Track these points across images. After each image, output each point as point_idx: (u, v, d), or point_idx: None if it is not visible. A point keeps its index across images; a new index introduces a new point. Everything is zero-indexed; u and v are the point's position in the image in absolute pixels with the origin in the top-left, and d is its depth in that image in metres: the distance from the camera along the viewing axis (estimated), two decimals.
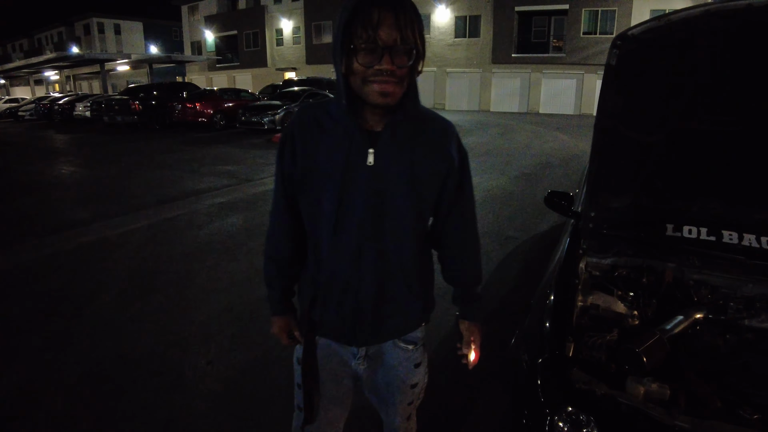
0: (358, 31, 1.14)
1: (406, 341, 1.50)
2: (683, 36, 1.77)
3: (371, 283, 1.34)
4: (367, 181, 1.26)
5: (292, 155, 1.30)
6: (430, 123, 1.35)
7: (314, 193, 1.30)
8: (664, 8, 23.91)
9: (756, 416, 1.44)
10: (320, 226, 1.32)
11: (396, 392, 1.57)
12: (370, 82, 1.17)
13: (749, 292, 2.04)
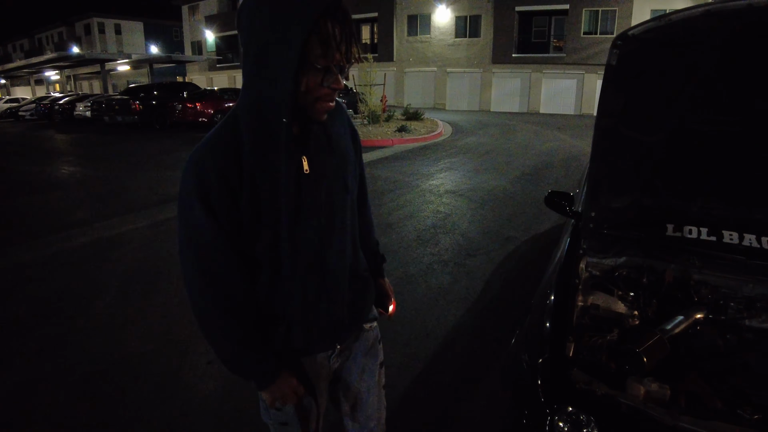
0: (320, 49, 1.07)
1: (368, 320, 1.54)
2: (684, 36, 1.77)
3: (339, 282, 1.35)
4: (309, 187, 1.23)
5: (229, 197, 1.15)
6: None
7: (268, 224, 1.20)
8: (665, 8, 23.89)
9: (756, 416, 1.44)
10: (280, 254, 1.23)
11: (372, 376, 1.57)
12: (322, 100, 1.14)
13: (750, 292, 2.04)
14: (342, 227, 1.33)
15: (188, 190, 1.15)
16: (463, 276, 4.26)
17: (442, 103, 30.25)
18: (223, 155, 1.14)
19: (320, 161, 1.25)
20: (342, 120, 1.36)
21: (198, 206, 1.14)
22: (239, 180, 1.14)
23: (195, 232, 1.18)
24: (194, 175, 1.14)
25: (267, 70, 1.10)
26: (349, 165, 1.35)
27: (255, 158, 1.15)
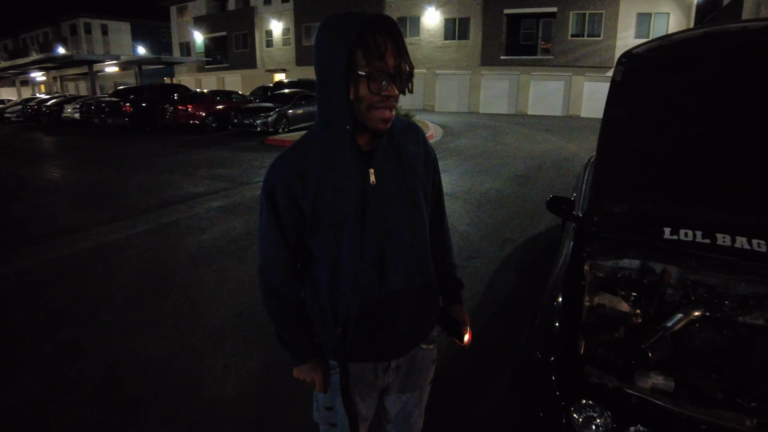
0: (364, 59, 1.18)
1: (427, 342, 1.59)
2: (684, 55, 1.92)
3: (401, 297, 1.40)
4: (375, 199, 1.33)
5: (291, 201, 1.31)
6: (400, 128, 1.42)
7: (330, 223, 1.32)
8: (650, 11, 24.32)
9: (753, 404, 1.60)
10: (340, 255, 1.35)
11: (422, 393, 1.68)
12: (377, 108, 1.23)
13: (742, 291, 2.20)
14: (407, 242, 1.40)
15: (263, 188, 1.37)
16: (465, 278, 4.31)
17: (432, 105, 30.44)
18: (290, 164, 1.32)
19: (387, 175, 1.34)
20: (416, 140, 1.45)
21: (265, 204, 1.35)
22: (302, 186, 1.30)
23: (260, 223, 1.39)
24: (267, 178, 1.35)
25: (326, 87, 1.25)
26: (418, 180, 1.43)
27: (323, 168, 1.30)
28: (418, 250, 1.44)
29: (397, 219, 1.38)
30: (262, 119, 15.70)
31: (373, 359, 1.48)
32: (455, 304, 1.71)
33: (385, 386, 1.57)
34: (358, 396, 1.52)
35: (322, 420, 1.60)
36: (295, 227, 1.36)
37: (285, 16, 34.70)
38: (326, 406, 1.55)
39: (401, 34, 1.22)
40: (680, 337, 1.92)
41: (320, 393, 1.54)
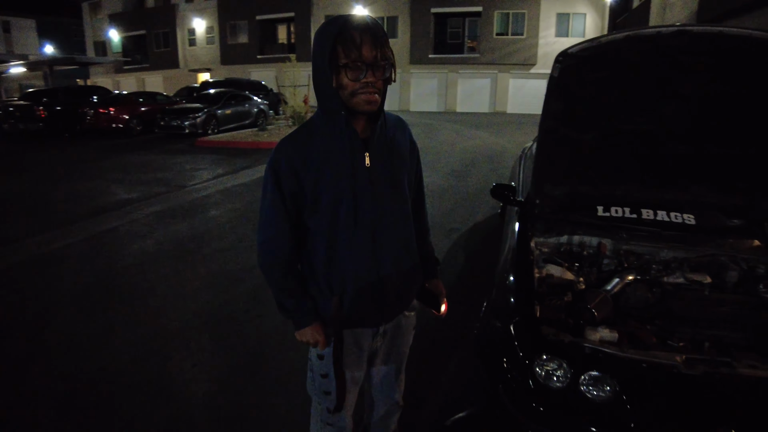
0: (344, 51, 1.36)
1: (409, 309, 1.80)
2: (610, 55, 2.22)
3: (391, 266, 1.60)
4: (369, 179, 1.51)
5: (294, 178, 1.47)
6: (392, 121, 1.63)
7: (329, 200, 1.49)
8: (568, 11, 25.79)
9: (681, 344, 1.93)
10: (337, 229, 1.52)
11: (403, 357, 1.90)
12: (359, 94, 1.40)
13: (666, 256, 2.57)
14: (396, 219, 1.60)
15: (269, 167, 1.51)
16: None
17: None
18: (294, 145, 1.50)
19: (380, 159, 1.53)
20: (403, 133, 1.66)
21: (270, 181, 1.50)
22: (304, 165, 1.47)
23: (265, 199, 1.54)
24: (273, 157, 1.50)
25: (318, 79, 1.45)
26: (405, 167, 1.64)
27: (323, 150, 1.48)
28: (404, 227, 1.64)
29: (387, 199, 1.56)
30: (191, 120, 15.22)
31: (365, 325, 1.66)
32: (433, 279, 1.91)
33: (374, 351, 1.76)
34: (350, 361, 1.67)
35: (317, 390, 1.75)
36: (296, 203, 1.51)
37: (208, 13, 33.68)
38: (322, 374, 1.69)
39: (380, 29, 1.40)
40: (618, 297, 2.23)
41: (318, 361, 1.69)
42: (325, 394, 1.72)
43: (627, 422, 1.70)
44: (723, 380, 1.74)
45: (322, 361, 1.68)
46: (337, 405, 1.70)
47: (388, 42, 1.42)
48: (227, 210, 6.96)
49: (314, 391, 1.77)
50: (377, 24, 1.41)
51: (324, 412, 1.77)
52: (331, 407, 1.73)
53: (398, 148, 1.61)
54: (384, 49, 1.39)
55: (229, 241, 5.57)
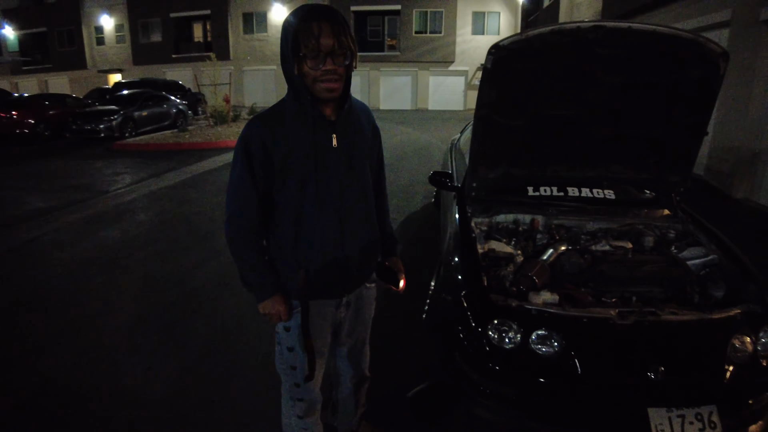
0: (304, 42, 1.44)
1: (369, 281, 1.93)
2: (537, 47, 2.43)
3: (354, 240, 1.70)
4: (335, 159, 1.61)
5: (263, 154, 1.54)
6: (357, 106, 1.74)
7: (295, 177, 1.57)
8: (484, 10, 26.74)
9: (614, 300, 2.19)
10: (304, 205, 1.60)
11: (367, 328, 2.03)
12: (320, 81, 1.49)
13: (591, 228, 2.86)
14: (359, 196, 1.70)
15: (239, 142, 1.58)
16: None
17: None
18: (265, 123, 1.57)
19: (347, 141, 1.63)
20: (367, 118, 1.77)
21: (240, 155, 1.57)
22: (273, 142, 1.54)
23: (234, 174, 1.60)
24: (244, 135, 1.57)
25: (285, 67, 1.54)
26: (368, 149, 1.74)
27: (293, 129, 1.56)
28: (366, 204, 1.75)
29: (352, 178, 1.67)
30: (106, 124, 14.39)
31: (330, 296, 1.76)
32: (392, 256, 2.03)
33: (339, 323, 1.87)
34: (317, 332, 1.76)
35: (284, 364, 1.82)
36: (265, 179, 1.58)
37: (117, 10, 31.73)
38: (288, 347, 1.77)
39: (339, 18, 1.48)
40: (554, 266, 2.47)
41: (285, 333, 1.76)
42: (291, 369, 1.81)
43: (574, 371, 1.92)
44: (651, 327, 2.01)
45: (289, 333, 1.75)
46: (308, 374, 1.77)
47: (347, 30, 1.49)
48: (156, 213, 6.73)
49: (282, 368, 1.84)
50: (336, 13, 1.48)
51: (293, 388, 1.84)
52: (299, 381, 1.81)
53: (363, 131, 1.72)
54: (342, 37, 1.47)
55: (163, 244, 5.42)
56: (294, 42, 1.45)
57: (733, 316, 2.08)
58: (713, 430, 1.88)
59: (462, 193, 3.20)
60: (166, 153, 12.13)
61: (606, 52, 2.47)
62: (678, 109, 2.69)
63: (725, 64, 2.47)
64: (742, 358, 1.98)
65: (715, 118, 7.46)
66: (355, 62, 1.54)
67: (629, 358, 1.96)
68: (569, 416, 2.00)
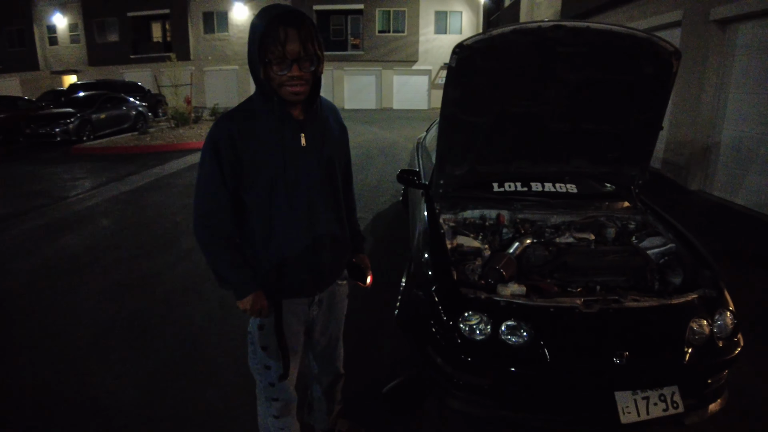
0: (270, 47, 1.43)
1: (341, 278, 1.95)
2: (500, 46, 2.49)
3: (326, 238, 1.71)
4: (304, 158, 1.61)
5: (232, 151, 1.53)
6: (326, 106, 1.76)
7: (264, 176, 1.56)
8: (446, 9, 26.98)
9: (579, 289, 2.26)
10: (274, 204, 1.59)
11: (341, 325, 2.04)
12: (285, 86, 1.49)
13: (555, 221, 2.95)
14: (329, 195, 1.71)
15: (208, 142, 1.56)
16: None
17: None
18: (234, 121, 1.56)
19: (315, 140, 1.64)
20: (336, 117, 1.79)
21: (209, 153, 1.55)
22: (242, 140, 1.53)
23: (202, 174, 1.58)
24: (212, 134, 1.55)
25: (252, 69, 1.52)
26: (336, 148, 1.75)
27: (261, 129, 1.55)
28: (336, 202, 1.77)
29: (321, 177, 1.67)
30: (63, 127, 13.86)
31: (302, 295, 1.76)
32: (360, 253, 2.05)
33: (312, 321, 1.88)
34: (290, 331, 1.76)
35: (258, 364, 1.81)
36: (234, 178, 1.57)
37: (71, 8, 30.57)
38: (262, 346, 1.76)
39: (307, 23, 1.46)
40: (521, 258, 2.54)
41: (258, 332, 1.75)
42: (266, 369, 1.80)
43: (543, 359, 1.99)
44: (615, 314, 2.10)
45: (263, 331, 1.74)
46: (283, 372, 1.76)
47: (315, 36, 1.48)
48: (119, 218, 6.56)
49: (256, 367, 1.83)
50: (305, 19, 1.46)
51: (268, 387, 1.83)
52: (273, 381, 1.80)
53: (331, 131, 1.74)
54: (309, 44, 1.46)
55: (129, 250, 5.29)
56: (260, 46, 1.44)
57: (691, 301, 2.19)
58: (676, 409, 1.98)
59: (429, 191, 3.25)
60: (127, 156, 11.82)
61: (566, 51, 2.55)
62: (635, 105, 2.81)
63: (678, 62, 2.59)
64: (699, 341, 2.08)
65: (669, 114, 7.76)
66: (321, 67, 1.54)
67: (595, 344, 2.04)
68: (540, 403, 2.07)
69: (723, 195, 7.17)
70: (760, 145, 6.47)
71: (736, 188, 6.93)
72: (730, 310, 2.22)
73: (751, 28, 6.67)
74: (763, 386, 2.82)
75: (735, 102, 7.03)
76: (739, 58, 6.95)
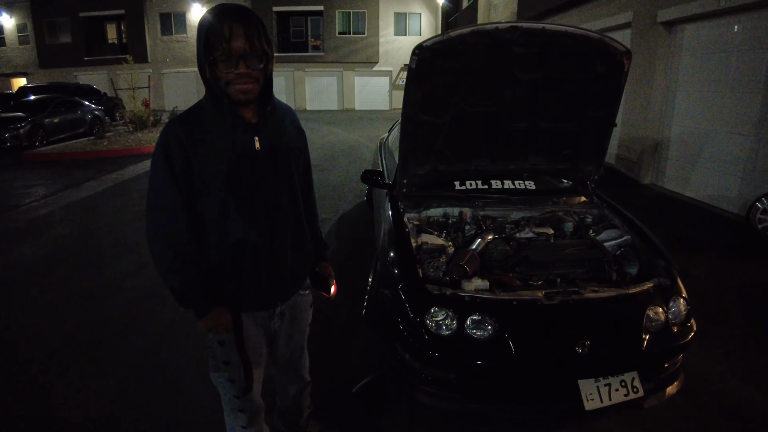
0: (214, 45, 1.38)
1: (303, 288, 1.88)
2: (459, 47, 2.54)
3: (286, 246, 1.66)
4: (259, 163, 1.53)
5: (184, 157, 1.44)
6: (281, 108, 1.67)
7: (217, 182, 1.48)
8: (405, 11, 27.16)
9: (540, 282, 2.34)
10: (229, 212, 1.51)
11: (305, 335, 1.99)
12: (232, 84, 1.43)
13: (515, 217, 3.04)
14: (288, 201, 1.65)
15: (158, 149, 1.47)
16: None
17: None
18: (184, 126, 1.47)
19: (270, 144, 1.56)
20: (291, 120, 1.72)
21: (161, 162, 1.46)
22: (193, 144, 1.45)
23: (155, 184, 1.48)
24: (161, 140, 1.46)
25: (199, 69, 1.47)
26: (293, 152, 1.69)
27: (212, 133, 1.48)
28: (296, 210, 1.70)
29: (278, 183, 1.60)
30: (12, 132, 13.25)
31: (262, 307, 1.70)
32: (322, 262, 1.96)
33: (274, 333, 1.81)
34: (251, 344, 1.69)
35: (221, 379, 1.72)
36: (187, 186, 1.48)
37: (19, 8, 29.27)
38: (224, 361, 1.68)
39: (254, 19, 1.42)
40: (483, 254, 2.60)
41: (219, 347, 1.66)
42: (230, 383, 1.71)
43: (508, 352, 2.05)
44: (575, 305, 2.19)
45: (224, 347, 1.66)
46: (246, 387, 1.71)
47: (262, 32, 1.43)
48: (77, 226, 6.35)
49: (219, 381, 1.74)
50: (250, 14, 1.42)
51: (233, 399, 1.75)
52: (238, 393, 1.73)
53: (287, 133, 1.67)
54: (255, 40, 1.41)
55: (87, 258, 5.13)
56: (206, 44, 1.39)
57: (647, 290, 2.30)
58: (636, 394, 2.08)
59: (393, 190, 3.28)
60: (84, 162, 11.42)
61: (522, 51, 2.63)
62: (589, 103, 2.92)
63: (629, 61, 2.71)
64: (656, 327, 2.19)
65: (622, 112, 8.05)
66: (271, 65, 1.49)
67: (558, 335, 2.11)
68: (507, 394, 2.13)
69: (673, 188, 7.50)
70: (706, 140, 6.79)
71: (685, 181, 7.26)
72: (683, 296, 2.34)
73: (695, 30, 7.00)
74: (715, 367, 2.98)
75: (682, 100, 7.35)
76: (685, 58, 7.28)
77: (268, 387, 1.97)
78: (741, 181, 6.16)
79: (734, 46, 6.26)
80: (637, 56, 6.64)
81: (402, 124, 2.96)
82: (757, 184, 5.85)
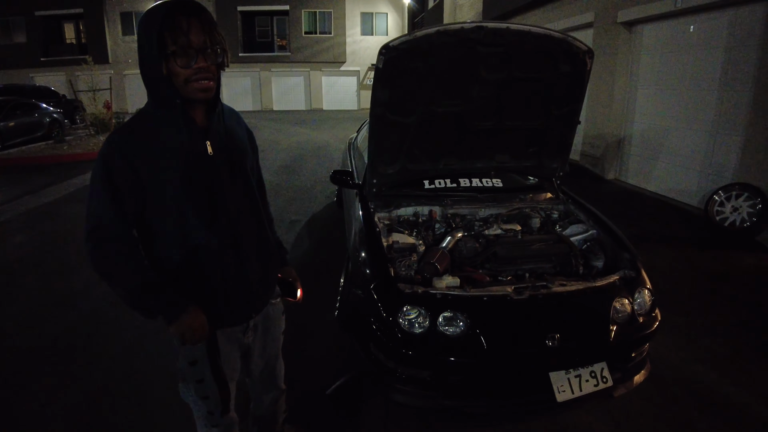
0: (170, 38, 1.29)
1: (274, 296, 1.82)
2: (425, 47, 2.56)
3: (252, 256, 1.57)
4: (214, 169, 1.45)
5: (129, 172, 1.34)
6: (227, 110, 1.58)
7: (170, 193, 1.39)
8: (372, 11, 27.19)
9: (509, 278, 2.38)
10: (188, 225, 1.42)
11: (279, 344, 1.93)
12: (192, 81, 1.34)
13: (484, 215, 3.08)
14: (248, 208, 1.59)
15: (99, 164, 1.35)
16: None
17: None
18: (127, 137, 1.36)
19: (222, 148, 1.49)
20: (240, 123, 1.66)
21: (101, 179, 1.34)
22: (141, 157, 1.35)
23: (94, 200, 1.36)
24: (104, 154, 1.35)
25: (145, 68, 1.37)
26: (246, 155, 1.62)
27: (161, 141, 1.38)
28: (257, 216, 1.64)
29: (236, 189, 1.53)
30: None
31: (237, 322, 1.63)
32: (285, 266, 1.89)
33: (247, 347, 1.74)
34: (226, 362, 1.62)
35: (193, 396, 1.64)
36: (134, 202, 1.37)
37: None
38: (197, 380, 1.60)
39: (207, 13, 1.36)
40: (454, 251, 2.63)
41: (191, 368, 1.57)
42: (203, 399, 1.63)
43: (480, 347, 2.07)
44: (544, 299, 2.23)
45: (195, 366, 1.58)
46: (223, 408, 1.65)
47: (216, 26, 1.38)
48: (38, 233, 6.13)
49: (191, 398, 1.66)
50: (203, 9, 1.36)
51: (207, 416, 1.68)
52: (213, 410, 1.66)
53: (237, 135, 1.60)
54: (213, 33, 1.36)
55: (50, 266, 4.96)
56: (159, 39, 1.29)
57: (613, 282, 2.36)
58: (605, 384, 2.14)
59: (363, 190, 3.28)
60: (43, 167, 11.04)
61: (487, 51, 2.66)
62: (553, 101, 2.97)
63: (591, 60, 2.77)
64: (623, 318, 2.25)
65: (585, 109, 8.25)
66: (226, 60, 1.43)
67: (528, 329, 2.15)
68: (480, 390, 2.16)
69: (636, 183, 7.72)
70: (666, 136, 7.02)
71: (647, 176, 7.48)
72: (648, 288, 2.41)
73: (654, 30, 7.23)
74: (679, 354, 3.08)
75: (643, 97, 7.58)
76: (645, 57, 7.50)
77: (241, 394, 1.94)
78: (699, 175, 6.39)
79: (690, 46, 6.49)
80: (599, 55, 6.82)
81: (370, 124, 2.97)
82: (714, 178, 6.09)
